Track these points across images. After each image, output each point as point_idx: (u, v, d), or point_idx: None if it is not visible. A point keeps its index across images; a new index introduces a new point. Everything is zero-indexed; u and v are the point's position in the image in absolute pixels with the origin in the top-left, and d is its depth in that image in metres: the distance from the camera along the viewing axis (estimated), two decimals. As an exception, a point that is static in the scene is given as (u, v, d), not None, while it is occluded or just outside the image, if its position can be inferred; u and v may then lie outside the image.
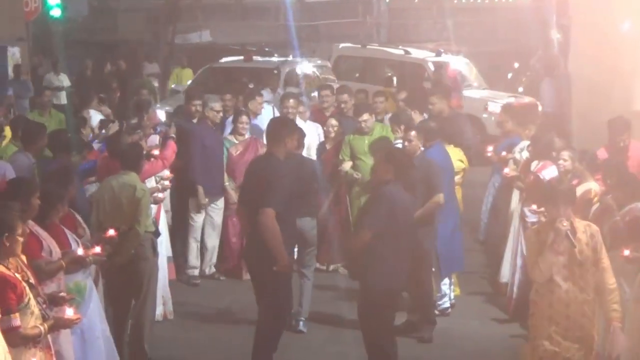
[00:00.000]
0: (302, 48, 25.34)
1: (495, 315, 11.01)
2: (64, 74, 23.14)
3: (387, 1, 39.13)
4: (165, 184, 10.84)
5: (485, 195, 13.08)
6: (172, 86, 24.14)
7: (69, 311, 6.66)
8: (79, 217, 8.53)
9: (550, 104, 19.51)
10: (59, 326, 6.64)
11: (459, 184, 11.74)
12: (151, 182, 10.51)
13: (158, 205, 10.54)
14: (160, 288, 10.09)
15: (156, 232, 9.69)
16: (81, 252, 7.70)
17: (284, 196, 8.54)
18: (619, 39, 13.84)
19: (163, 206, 10.99)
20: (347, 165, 12.12)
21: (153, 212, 10.10)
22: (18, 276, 6.38)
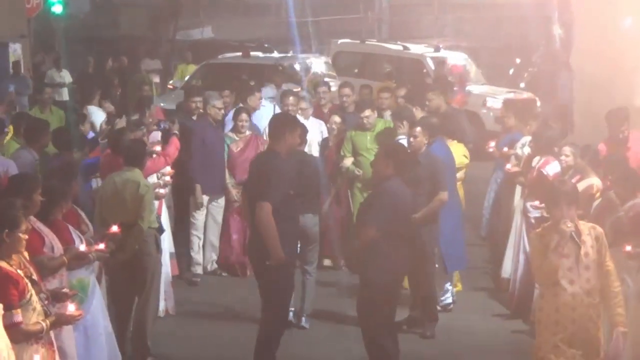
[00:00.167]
0: (303, 44, 25.31)
1: (497, 311, 11.02)
2: (66, 70, 23.15)
3: (388, -3, 39.12)
4: (166, 179, 10.85)
5: (487, 191, 13.08)
6: (170, 82, 24.08)
7: (70, 307, 6.66)
8: (82, 214, 8.54)
9: (566, 98, 19.37)
10: (60, 322, 6.64)
11: (461, 180, 11.74)
12: (152, 177, 10.51)
13: (159, 201, 10.55)
14: (162, 284, 10.10)
15: (160, 229, 9.70)
16: (83, 248, 7.71)
17: (282, 192, 8.53)
18: (620, 34, 13.81)
19: (165, 202, 11.00)
20: (348, 162, 12.06)
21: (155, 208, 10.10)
22: (20, 272, 6.39)
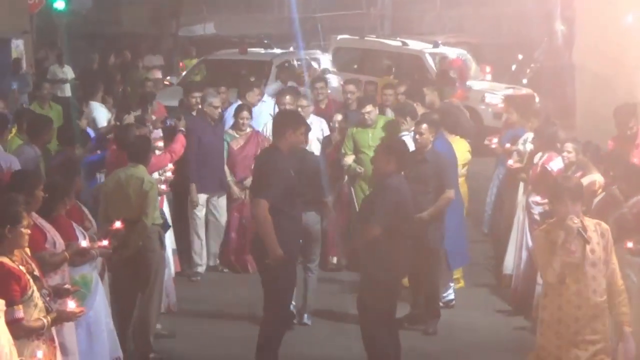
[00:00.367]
0: (306, 41, 25.27)
1: (499, 307, 11.01)
2: (68, 66, 23.15)
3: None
4: (168, 175, 10.83)
5: (488, 187, 13.07)
6: (167, 78, 24.00)
7: (71, 304, 6.66)
8: (85, 210, 8.56)
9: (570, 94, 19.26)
10: (61, 319, 6.64)
11: (464, 176, 11.73)
12: (154, 173, 10.50)
13: (161, 197, 10.53)
14: (164, 281, 10.10)
15: (165, 225, 9.69)
16: (85, 244, 7.71)
17: (280, 188, 8.49)
18: (623, 31, 13.80)
19: (166, 198, 10.99)
20: (349, 159, 11.94)
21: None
22: (22, 268, 6.39)
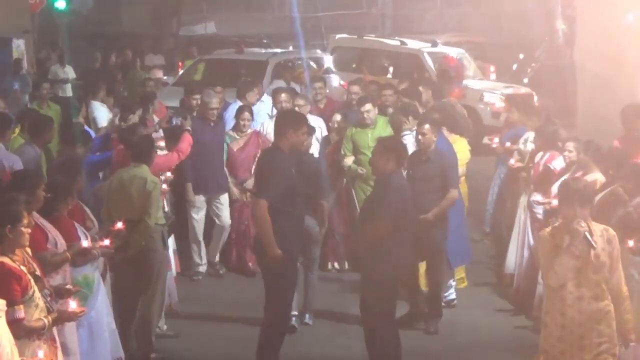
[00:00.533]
0: (307, 40, 25.20)
1: (500, 306, 11.01)
2: (69, 66, 23.14)
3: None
4: (167, 174, 10.82)
5: (488, 186, 13.08)
6: (164, 78, 23.94)
7: (72, 304, 6.67)
8: (87, 210, 8.56)
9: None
10: (62, 319, 6.65)
11: (464, 175, 11.73)
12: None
13: (161, 196, 10.50)
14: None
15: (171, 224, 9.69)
16: (87, 244, 7.72)
17: (281, 188, 8.47)
18: (623, 30, 13.81)
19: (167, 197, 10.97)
20: (349, 160, 11.81)
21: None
22: (23, 268, 6.39)
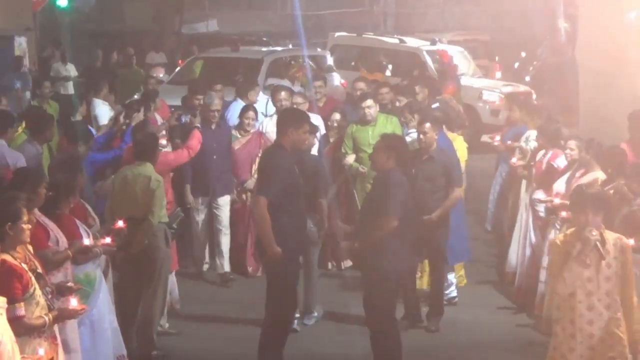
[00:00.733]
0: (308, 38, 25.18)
1: (502, 305, 11.00)
2: (71, 64, 23.15)
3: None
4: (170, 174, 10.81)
5: (489, 184, 13.07)
6: (160, 76, 23.83)
7: (73, 302, 6.67)
8: (89, 207, 8.57)
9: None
10: (63, 317, 6.66)
11: (463, 173, 11.71)
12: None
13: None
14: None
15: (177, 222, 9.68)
16: (88, 242, 7.73)
17: (281, 186, 8.45)
18: (625, 28, 13.80)
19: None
20: (350, 159, 11.75)
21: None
22: (25, 266, 6.40)
